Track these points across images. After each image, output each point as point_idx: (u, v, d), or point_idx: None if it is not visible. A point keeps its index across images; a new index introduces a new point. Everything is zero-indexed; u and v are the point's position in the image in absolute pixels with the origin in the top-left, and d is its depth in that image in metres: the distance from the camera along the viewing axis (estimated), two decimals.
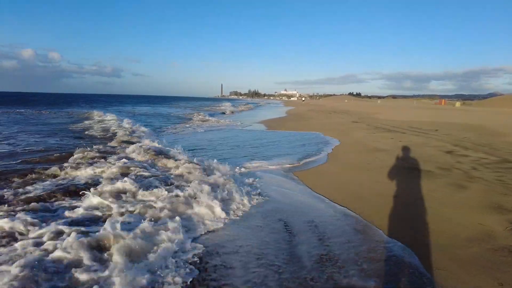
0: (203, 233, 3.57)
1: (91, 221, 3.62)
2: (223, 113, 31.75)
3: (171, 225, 3.33)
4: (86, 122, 16.82)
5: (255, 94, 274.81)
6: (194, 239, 3.37)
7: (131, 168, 5.64)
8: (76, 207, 3.94)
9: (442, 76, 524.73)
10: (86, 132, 12.31)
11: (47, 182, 4.96)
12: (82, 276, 2.47)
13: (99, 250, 2.85)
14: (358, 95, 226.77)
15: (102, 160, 6.44)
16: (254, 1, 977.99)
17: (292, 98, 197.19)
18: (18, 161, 6.61)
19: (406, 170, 6.41)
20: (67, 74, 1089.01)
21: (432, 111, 33.00)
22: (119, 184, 4.57)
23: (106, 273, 2.51)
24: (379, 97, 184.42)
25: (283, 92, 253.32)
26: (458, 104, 69.13)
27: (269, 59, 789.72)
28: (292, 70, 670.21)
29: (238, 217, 4.08)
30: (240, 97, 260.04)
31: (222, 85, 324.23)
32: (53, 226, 3.23)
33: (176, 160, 6.43)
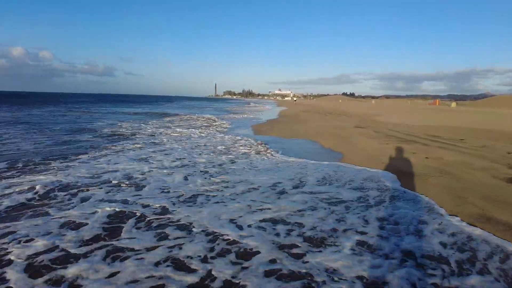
0: None
1: None
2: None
3: None
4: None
5: (249, 93, 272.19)
6: None
7: None
8: None
9: (433, 76, 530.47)
10: None
11: None
12: None
13: None
14: (352, 95, 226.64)
15: None
16: (249, 1, 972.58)
17: (286, 98, 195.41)
18: None
19: (478, 220, 3.87)
20: (58, 73, 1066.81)
21: (434, 112, 30.86)
22: None
23: None
24: (373, 97, 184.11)
25: (277, 92, 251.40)
26: (453, 104, 67.65)
27: (263, 59, 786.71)
28: (286, 70, 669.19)
29: None
30: (234, 97, 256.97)
31: (216, 84, 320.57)
32: None
33: None
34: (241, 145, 10.16)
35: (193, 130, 14.75)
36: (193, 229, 3.79)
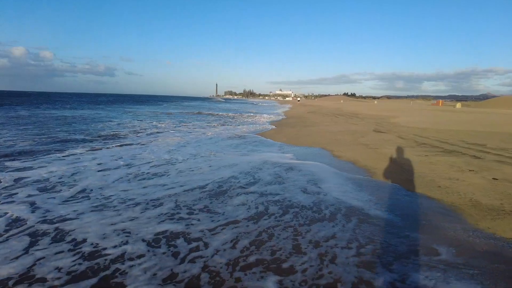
0: None
1: None
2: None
3: None
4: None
5: (250, 94, 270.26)
6: None
7: None
8: None
9: (434, 77, 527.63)
10: None
11: None
12: None
13: None
14: (353, 95, 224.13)
15: None
16: (249, 1, 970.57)
17: (287, 98, 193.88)
18: None
19: None
20: (59, 73, 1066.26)
21: (447, 113, 28.87)
22: None
23: None
24: (374, 98, 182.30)
25: (278, 92, 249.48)
26: (458, 105, 65.60)
27: (263, 60, 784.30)
28: (286, 70, 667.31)
29: None
30: (235, 97, 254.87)
31: (217, 84, 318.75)
32: None
33: None
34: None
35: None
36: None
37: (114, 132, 12.89)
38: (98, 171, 6.37)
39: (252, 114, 30.93)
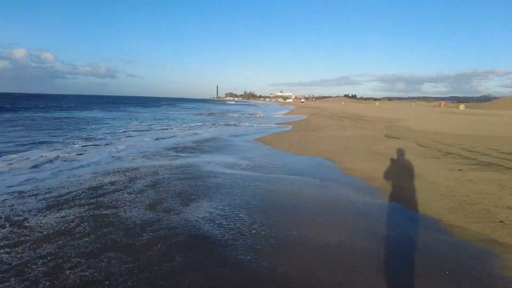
0: None
1: None
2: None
3: None
4: None
5: (251, 95, 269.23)
6: None
7: None
8: None
9: (434, 78, 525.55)
10: None
11: None
12: None
13: None
14: (354, 97, 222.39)
15: None
16: (249, 2, 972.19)
17: (288, 100, 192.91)
18: None
19: None
20: (60, 74, 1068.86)
21: (456, 116, 27.51)
22: None
23: None
24: (375, 99, 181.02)
25: (278, 93, 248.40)
26: (461, 107, 63.99)
27: (264, 61, 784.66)
28: (287, 71, 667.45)
29: None
30: (236, 99, 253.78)
31: (217, 86, 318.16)
32: None
33: None
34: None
35: None
36: None
37: (95, 135, 12.51)
38: (31, 169, 6.47)
39: (253, 115, 29.84)
